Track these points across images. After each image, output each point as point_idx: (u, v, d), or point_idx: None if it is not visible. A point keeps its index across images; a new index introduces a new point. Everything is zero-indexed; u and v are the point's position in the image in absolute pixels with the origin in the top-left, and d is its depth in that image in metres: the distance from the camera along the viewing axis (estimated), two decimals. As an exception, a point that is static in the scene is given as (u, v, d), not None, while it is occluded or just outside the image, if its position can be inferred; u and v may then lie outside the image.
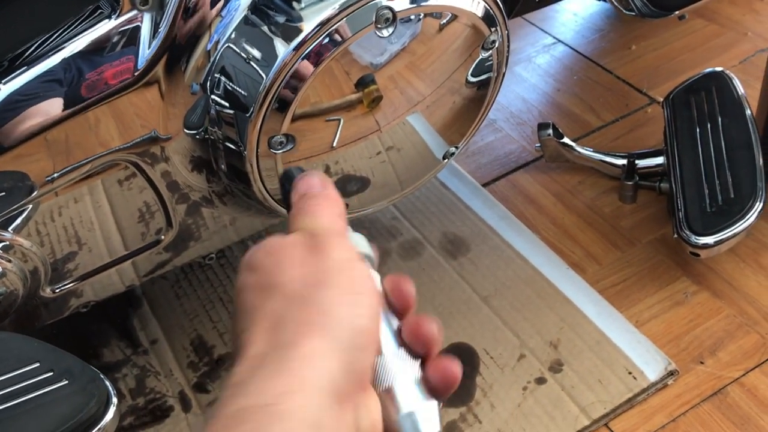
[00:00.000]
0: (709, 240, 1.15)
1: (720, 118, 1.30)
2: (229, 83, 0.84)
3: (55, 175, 0.85)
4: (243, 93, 0.84)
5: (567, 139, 1.43)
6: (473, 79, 0.97)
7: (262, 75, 0.83)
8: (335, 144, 0.92)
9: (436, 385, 0.49)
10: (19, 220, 0.87)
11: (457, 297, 1.25)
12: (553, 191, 1.44)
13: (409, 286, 0.51)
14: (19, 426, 0.72)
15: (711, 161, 1.24)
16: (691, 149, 1.28)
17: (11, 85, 0.79)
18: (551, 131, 1.40)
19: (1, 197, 0.83)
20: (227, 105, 0.85)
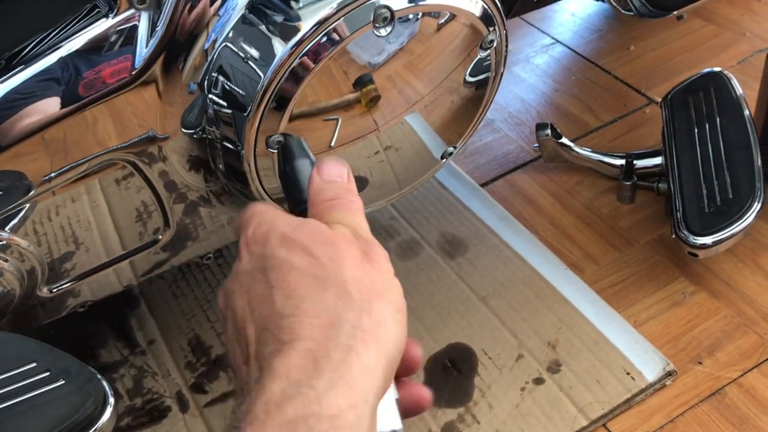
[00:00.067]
0: (708, 240, 1.15)
1: (718, 118, 1.30)
2: (227, 82, 0.84)
3: (53, 175, 0.85)
4: (241, 92, 0.84)
5: (565, 140, 1.43)
6: (471, 79, 0.97)
7: (259, 74, 0.82)
8: (333, 143, 0.92)
9: (406, 408, 0.51)
10: (16, 219, 0.87)
11: (455, 297, 1.25)
12: (552, 191, 1.44)
13: (418, 350, 0.53)
14: (16, 426, 0.71)
15: (709, 161, 1.24)
16: (690, 149, 1.27)
17: (8, 84, 0.79)
18: (549, 131, 1.40)
19: (-2, 196, 0.83)
20: (225, 104, 0.85)
